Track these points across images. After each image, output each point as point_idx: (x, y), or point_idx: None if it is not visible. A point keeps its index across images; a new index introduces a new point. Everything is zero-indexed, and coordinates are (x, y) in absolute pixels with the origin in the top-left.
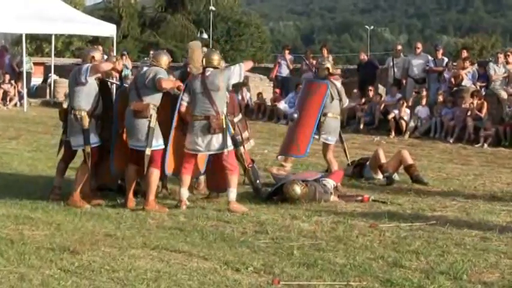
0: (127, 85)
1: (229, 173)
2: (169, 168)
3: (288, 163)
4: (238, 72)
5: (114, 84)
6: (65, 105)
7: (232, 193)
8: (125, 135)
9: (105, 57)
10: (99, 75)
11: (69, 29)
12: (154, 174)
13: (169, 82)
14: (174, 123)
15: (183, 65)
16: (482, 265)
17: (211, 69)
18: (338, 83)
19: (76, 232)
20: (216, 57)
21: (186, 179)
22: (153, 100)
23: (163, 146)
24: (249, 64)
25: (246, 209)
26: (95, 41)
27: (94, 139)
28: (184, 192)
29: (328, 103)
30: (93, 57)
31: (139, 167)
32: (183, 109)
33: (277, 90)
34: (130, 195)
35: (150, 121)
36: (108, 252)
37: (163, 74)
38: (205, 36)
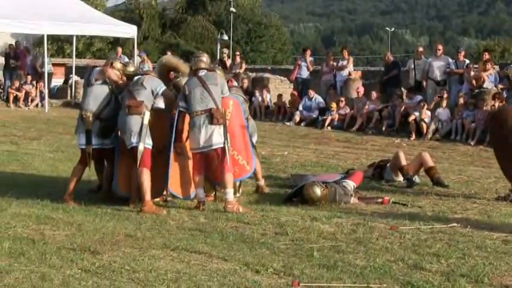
0: None
1: (225, 172)
2: (171, 186)
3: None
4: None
5: None
6: None
7: (229, 194)
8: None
9: (126, 58)
10: (106, 79)
11: (90, 30)
12: (145, 174)
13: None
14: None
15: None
16: (504, 268)
17: (204, 71)
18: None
19: (97, 232)
20: (204, 60)
21: (199, 179)
22: (147, 101)
23: (151, 146)
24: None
25: (245, 209)
26: (115, 42)
27: (96, 140)
28: (201, 192)
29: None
30: (111, 63)
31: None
32: (181, 119)
33: (295, 92)
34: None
35: (143, 118)
36: (129, 253)
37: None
38: (225, 37)
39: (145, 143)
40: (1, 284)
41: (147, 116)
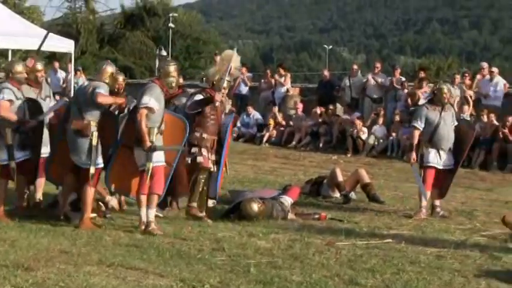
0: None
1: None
2: (113, 184)
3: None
4: None
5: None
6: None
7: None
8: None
9: (63, 73)
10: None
11: (27, 44)
12: (90, 193)
13: (107, 98)
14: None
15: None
16: (437, 283)
17: None
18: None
19: (31, 249)
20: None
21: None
22: (94, 117)
23: (102, 165)
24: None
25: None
26: (52, 56)
27: (18, 154)
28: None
29: None
30: (10, 71)
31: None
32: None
33: (233, 108)
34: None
35: (91, 139)
36: (63, 269)
37: (103, 89)
38: (164, 53)
39: (96, 164)
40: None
41: (96, 135)
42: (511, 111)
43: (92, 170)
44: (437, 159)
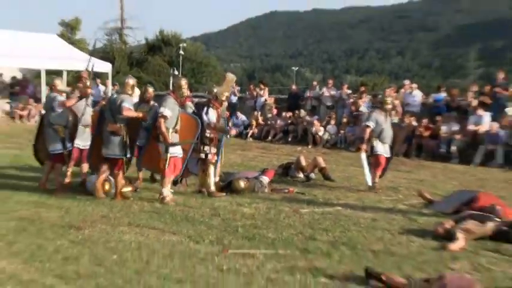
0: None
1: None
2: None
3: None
4: None
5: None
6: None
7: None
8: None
9: (103, 87)
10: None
11: (77, 66)
12: (121, 176)
13: (131, 112)
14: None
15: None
16: (373, 239)
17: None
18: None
19: (80, 214)
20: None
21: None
22: (124, 122)
23: (129, 156)
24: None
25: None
26: (96, 75)
27: (67, 144)
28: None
29: None
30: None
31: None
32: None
33: (227, 113)
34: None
35: (123, 137)
36: (103, 229)
37: (128, 103)
38: (176, 72)
39: (126, 156)
40: (9, 251)
41: (125, 134)
42: (426, 115)
43: (123, 159)
44: (384, 149)
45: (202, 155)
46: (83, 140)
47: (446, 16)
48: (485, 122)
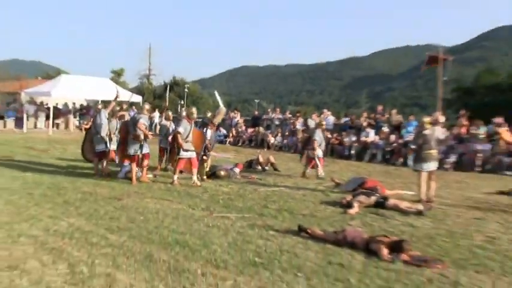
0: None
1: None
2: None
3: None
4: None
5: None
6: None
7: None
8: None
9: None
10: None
11: (120, 97)
12: (134, 166)
13: (142, 127)
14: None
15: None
16: (303, 207)
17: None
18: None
19: (120, 190)
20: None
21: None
22: (141, 132)
23: (147, 151)
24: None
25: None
26: (132, 104)
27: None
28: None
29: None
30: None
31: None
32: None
33: (215, 128)
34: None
35: (141, 141)
36: (135, 200)
37: (144, 119)
38: (182, 102)
39: (144, 151)
40: (76, 212)
41: (143, 139)
42: (336, 131)
43: (140, 154)
44: (321, 152)
45: (203, 155)
46: (113, 144)
47: (348, 72)
48: (371, 136)
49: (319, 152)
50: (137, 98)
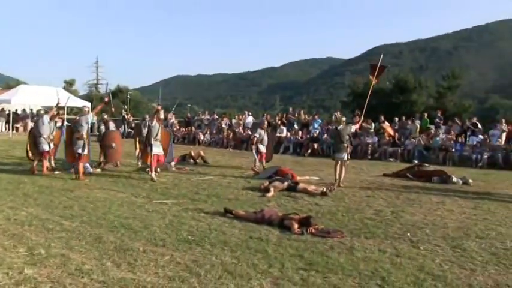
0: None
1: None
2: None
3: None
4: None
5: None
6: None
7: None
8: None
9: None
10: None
11: (72, 104)
12: (81, 165)
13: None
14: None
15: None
16: (228, 192)
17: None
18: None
19: (73, 183)
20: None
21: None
22: (84, 131)
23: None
24: None
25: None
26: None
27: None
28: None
29: None
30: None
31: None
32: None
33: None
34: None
35: (84, 141)
36: (85, 191)
37: (84, 118)
38: (125, 107)
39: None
40: (34, 203)
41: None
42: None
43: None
44: (264, 148)
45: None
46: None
47: (265, 79)
48: (284, 133)
49: (260, 147)
50: (86, 104)
